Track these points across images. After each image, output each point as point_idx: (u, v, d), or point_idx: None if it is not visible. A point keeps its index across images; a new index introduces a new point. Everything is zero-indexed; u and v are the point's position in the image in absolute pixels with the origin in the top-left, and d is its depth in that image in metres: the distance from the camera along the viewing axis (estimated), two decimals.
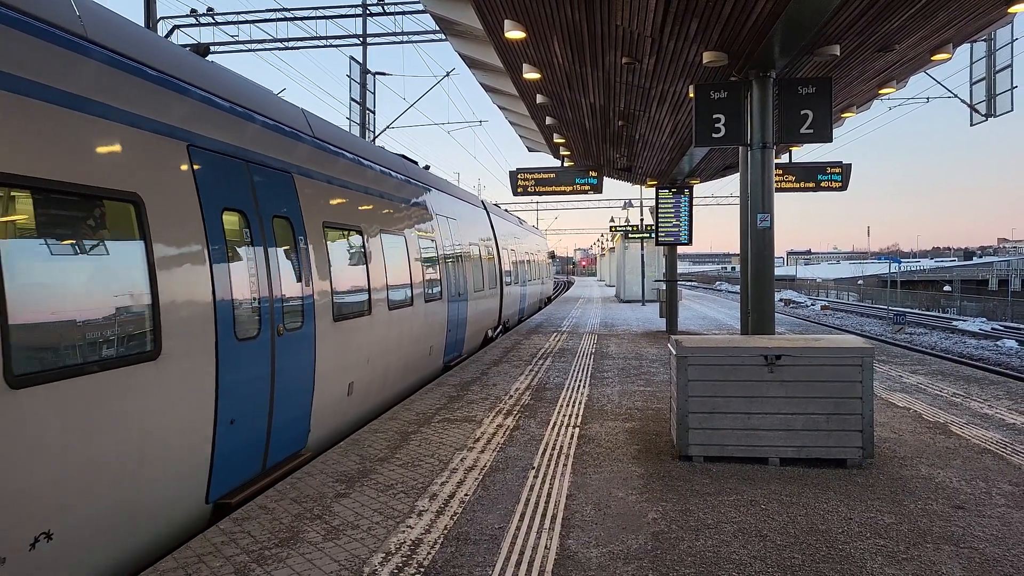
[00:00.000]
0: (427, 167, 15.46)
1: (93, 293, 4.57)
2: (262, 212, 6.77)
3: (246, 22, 23.96)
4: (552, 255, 45.72)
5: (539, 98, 12.15)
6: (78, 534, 4.31)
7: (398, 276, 10.66)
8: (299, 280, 7.36)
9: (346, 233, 8.86)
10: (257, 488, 6.37)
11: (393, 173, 11.50)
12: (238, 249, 6.29)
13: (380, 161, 11.06)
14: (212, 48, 24.52)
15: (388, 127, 26.71)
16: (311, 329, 7.50)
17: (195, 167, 5.77)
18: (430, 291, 12.42)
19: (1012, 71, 19.22)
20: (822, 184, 16.07)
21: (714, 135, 9.11)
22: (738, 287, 13.68)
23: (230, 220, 6.21)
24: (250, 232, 6.52)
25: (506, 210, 28.15)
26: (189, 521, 5.59)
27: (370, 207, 9.89)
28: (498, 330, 20.46)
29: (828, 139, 9.07)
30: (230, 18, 23.78)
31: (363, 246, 9.34)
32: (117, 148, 4.89)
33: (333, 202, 8.57)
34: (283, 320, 6.90)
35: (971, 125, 20.75)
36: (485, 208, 20.78)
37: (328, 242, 8.16)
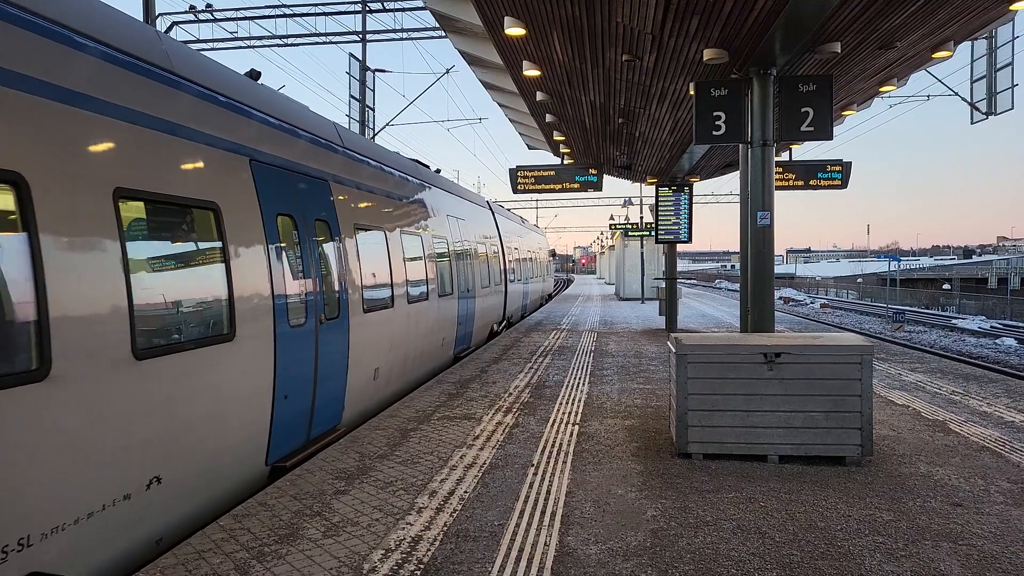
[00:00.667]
0: (438, 170, 16.13)
1: (188, 286, 5.73)
2: (306, 216, 7.76)
3: (245, 18, 23.94)
4: (552, 253, 47.03)
5: (539, 95, 12.14)
6: (178, 481, 5.36)
7: (416, 273, 11.59)
8: (336, 275, 8.35)
9: (373, 233, 9.80)
10: (303, 456, 7.29)
11: (409, 178, 12.38)
12: (289, 248, 7.30)
13: (398, 167, 11.88)
14: (211, 46, 24.52)
15: (388, 124, 26.69)
16: (346, 319, 8.48)
17: (256, 178, 6.76)
18: (443, 287, 13.33)
19: (1013, 69, 19.20)
20: (822, 182, 16.08)
21: (714, 133, 9.10)
22: (738, 285, 13.70)
23: (283, 223, 7.21)
24: (297, 233, 7.50)
25: (509, 209, 29.00)
26: (252, 480, 6.55)
27: (391, 209, 10.83)
28: (502, 325, 21.18)
29: (829, 137, 9.06)
30: (229, 14, 23.75)
31: (386, 245, 10.27)
32: (201, 164, 5.89)
33: (361, 205, 9.56)
34: (324, 310, 7.86)
35: (971, 123, 20.74)
36: (490, 208, 21.61)
37: (358, 242, 9.15)
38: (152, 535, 5.15)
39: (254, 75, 7.92)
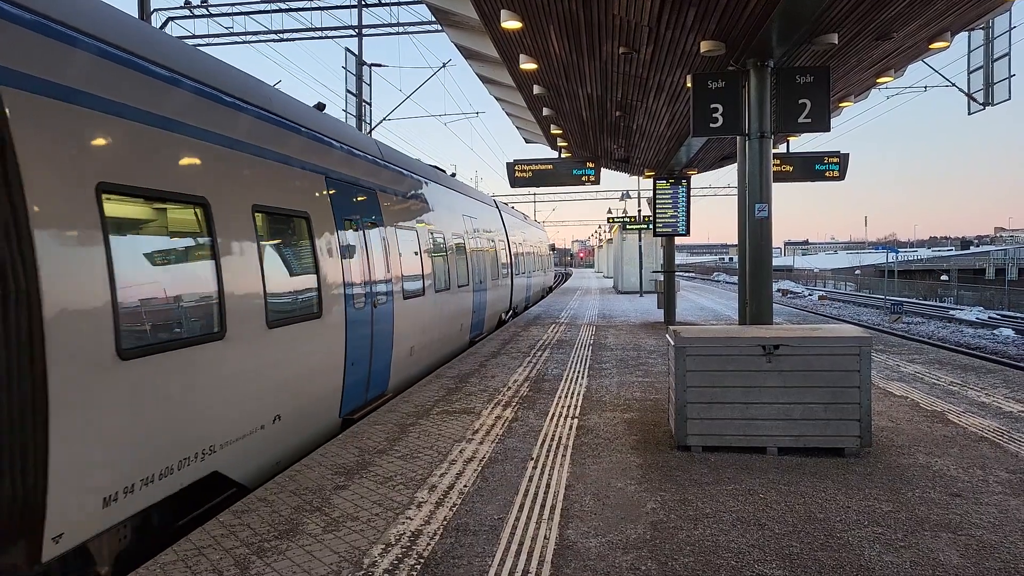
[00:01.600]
0: (453, 174, 18.75)
1: (299, 277, 7.64)
2: (363, 219, 9.56)
3: (240, 14, 23.84)
4: (552, 248, 48.87)
5: (536, 89, 12.11)
6: (290, 421, 7.20)
7: (441, 266, 13.53)
8: (383, 268, 10.09)
9: (408, 232, 11.52)
10: (363, 412, 9.08)
11: (433, 183, 14.30)
12: (352, 246, 9.00)
13: (423, 174, 13.80)
14: (207, 41, 24.45)
15: (384, 119, 26.62)
16: (391, 305, 10.26)
17: (330, 192, 8.53)
18: (461, 280, 15.18)
19: (1010, 59, 19.17)
20: (820, 174, 16.05)
21: (712, 125, 9.09)
22: (736, 278, 13.74)
23: (348, 226, 8.98)
24: (356, 234, 9.24)
25: (511, 206, 30.50)
26: (330, 428, 8.39)
27: (421, 212, 12.72)
28: (509, 314, 22.93)
29: (826, 128, 9.06)
30: (224, 9, 23.67)
31: (418, 242, 12.00)
32: (299, 183, 7.79)
33: (399, 209, 11.32)
34: (376, 297, 9.62)
35: (969, 114, 20.71)
36: (497, 207, 23.61)
37: (398, 240, 10.92)
38: (274, 458, 7.01)
39: (320, 107, 9.67)
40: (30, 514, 4.03)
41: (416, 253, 11.78)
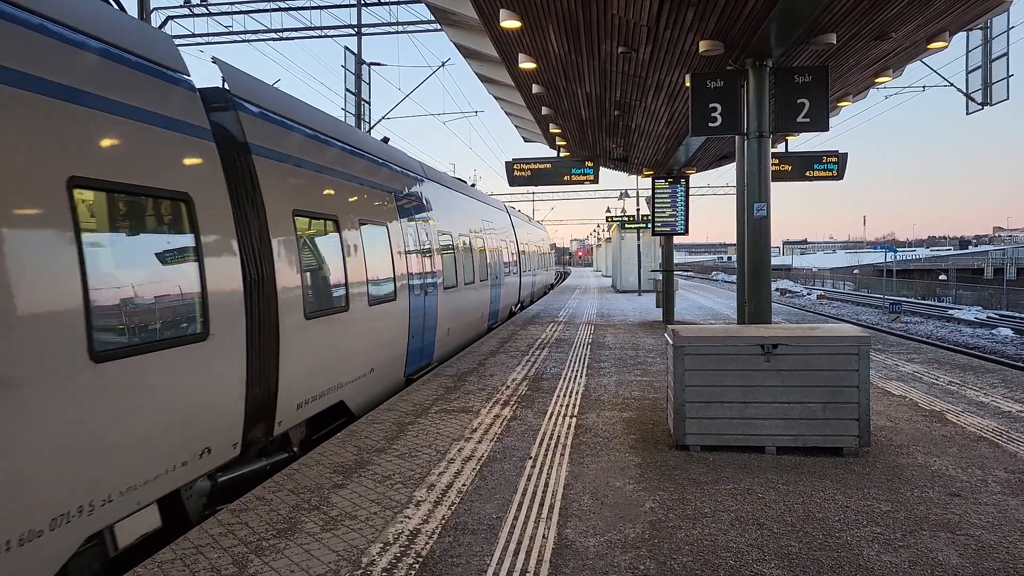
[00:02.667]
0: (473, 184, 23.72)
1: (381, 271, 10.03)
2: (417, 225, 12.21)
3: (240, 12, 23.82)
4: (552, 247, 52.57)
5: (535, 88, 12.11)
6: (378, 373, 9.89)
7: (468, 264, 16.12)
8: (431, 263, 12.82)
9: (445, 235, 14.23)
10: (418, 375, 11.75)
11: (460, 194, 17.40)
12: (412, 247, 11.59)
13: (454, 186, 16.98)
14: (207, 40, 24.44)
15: (383, 118, 26.62)
16: (436, 295, 12.98)
17: (398, 205, 11.28)
18: (482, 275, 17.77)
19: (1008, 59, 19.18)
20: (818, 173, 16.05)
21: (710, 124, 9.09)
22: (734, 277, 13.76)
23: (408, 232, 11.58)
24: (414, 238, 11.83)
25: (520, 211, 33.53)
26: (397, 383, 11.01)
27: (454, 219, 15.47)
28: (518, 306, 25.38)
29: (824, 128, 9.06)
30: (224, 8, 23.64)
31: (453, 244, 14.77)
32: (381, 202, 10.53)
33: (437, 215, 13.95)
34: (427, 287, 12.29)
35: (967, 114, 20.72)
36: (508, 212, 26.32)
37: (440, 241, 13.69)
38: (368, 399, 9.62)
39: (385, 140, 13.11)
40: (269, 411, 6.89)
41: (452, 253, 14.61)
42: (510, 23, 8.64)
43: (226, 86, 6.90)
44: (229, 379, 6.10)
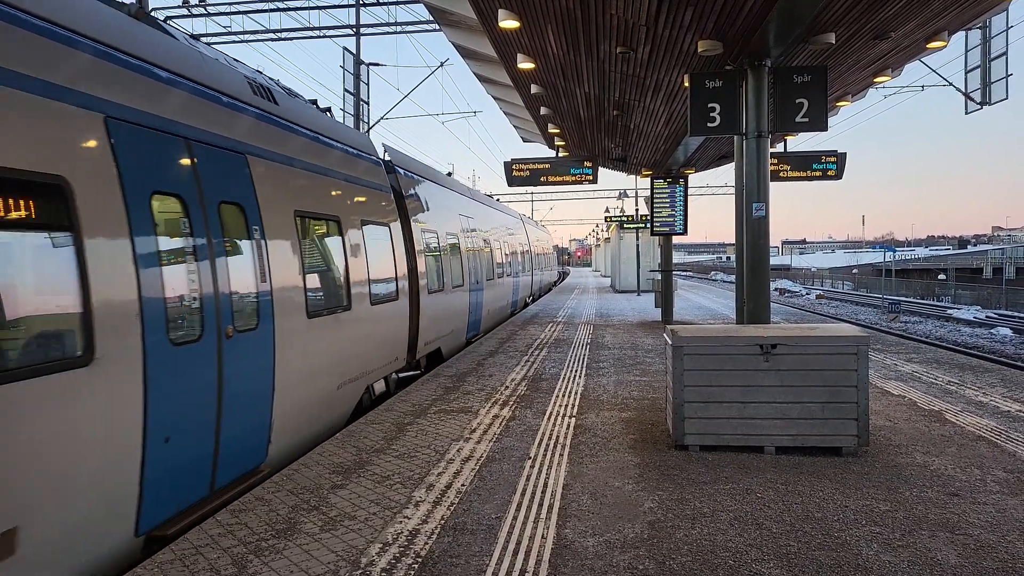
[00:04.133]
0: (498, 198, 29.13)
1: (455, 266, 14.98)
2: (474, 235, 17.13)
3: (239, 12, 23.81)
4: (555, 248, 60.71)
5: (534, 88, 12.11)
6: (453, 335, 14.47)
7: (499, 263, 21.18)
8: (479, 263, 17.55)
9: (480, 239, 18.37)
10: (474, 341, 15.80)
11: (492, 208, 23.23)
12: (470, 249, 16.07)
13: (488, 203, 23.16)
14: (205, 40, 24.43)
15: (382, 118, 26.61)
16: (482, 285, 17.66)
17: (462, 223, 15.66)
18: (507, 271, 22.86)
19: (1007, 59, 19.18)
20: (817, 173, 16.06)
21: (709, 124, 9.09)
22: (733, 276, 13.77)
23: (469, 239, 16.54)
24: (473, 243, 16.67)
25: (531, 218, 41.82)
26: (460, 345, 15.36)
27: (486, 227, 20.03)
28: (531, 298, 30.59)
29: (823, 128, 9.06)
30: (222, 8, 23.63)
31: (490, 248, 19.59)
32: (455, 221, 15.82)
33: (485, 227, 19.51)
34: (476, 278, 16.93)
35: (966, 113, 20.72)
36: (521, 220, 31.95)
37: (479, 243, 18.15)
38: (449, 349, 13.90)
39: (449, 173, 19.61)
40: (414, 346, 11.64)
41: (487, 252, 19.17)
42: (508, 23, 8.64)
43: (387, 157, 12.00)
44: (404, 326, 11.19)
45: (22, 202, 4.18)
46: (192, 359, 5.49)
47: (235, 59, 8.89)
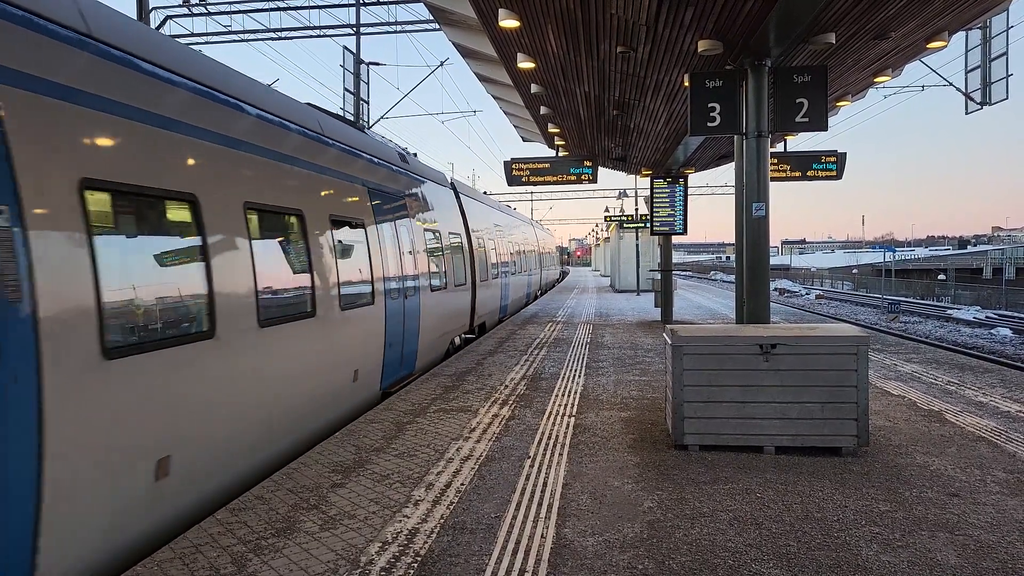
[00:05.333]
0: (515, 208, 36.15)
1: (492, 262, 19.86)
2: (505, 242, 23.01)
3: (239, 12, 23.80)
4: (558, 249, 67.62)
5: (534, 87, 12.10)
6: (491, 313, 19.26)
7: (519, 261, 25.96)
8: (506, 262, 22.25)
9: (508, 241, 23.26)
10: (502, 321, 21.14)
11: (512, 217, 28.36)
12: (505, 251, 22.53)
13: (511, 214, 28.37)
14: (206, 40, 24.43)
15: (382, 117, 26.62)
16: (510, 278, 23.14)
17: (495, 228, 21.24)
18: (524, 268, 27.89)
19: (1007, 59, 19.18)
20: (817, 173, 16.06)
21: (709, 124, 9.09)
22: (733, 276, 13.79)
23: (506, 245, 22.93)
24: (507, 247, 23.00)
25: (539, 222, 48.38)
26: (495, 323, 20.13)
27: (513, 233, 25.02)
28: (540, 292, 35.68)
29: (823, 128, 9.05)
30: (223, 8, 23.62)
31: (512, 246, 23.93)
32: (494, 236, 21.28)
33: (505, 229, 23.62)
34: (505, 274, 21.74)
35: (966, 113, 20.72)
36: (532, 224, 38.05)
37: (508, 247, 22.99)
38: (489, 325, 19.07)
39: (487, 193, 29.77)
40: (472, 316, 16.68)
41: (514, 253, 24.69)
42: (509, 23, 8.64)
43: (454, 183, 16.86)
44: (468, 304, 15.58)
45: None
46: (405, 305, 10.98)
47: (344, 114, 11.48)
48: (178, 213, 5.50)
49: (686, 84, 9.35)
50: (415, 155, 14.58)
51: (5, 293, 3.81)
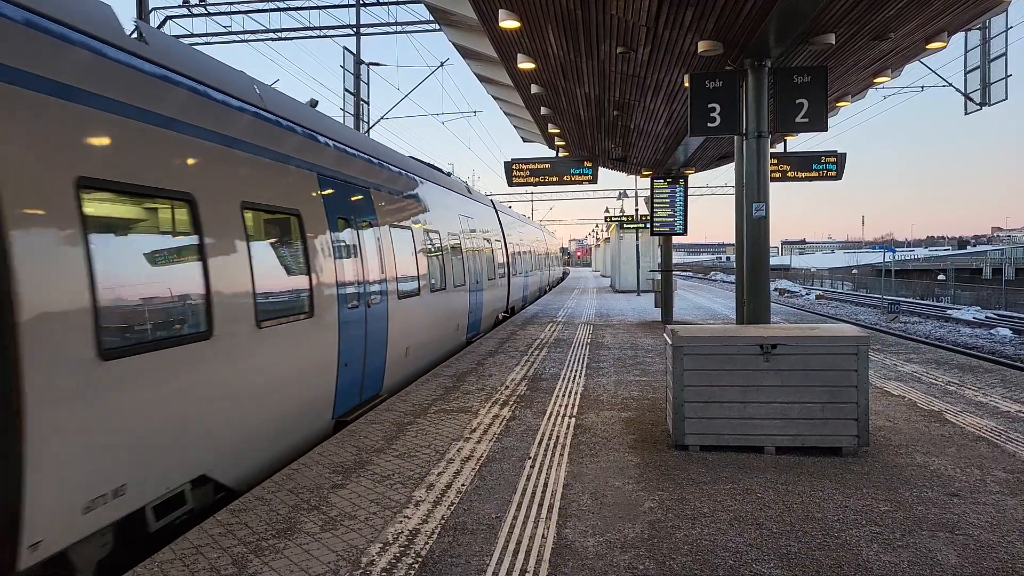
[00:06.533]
0: (529, 217, 44.85)
1: (526, 264, 28.86)
2: (527, 248, 29.52)
3: (239, 12, 23.82)
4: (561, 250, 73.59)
5: (534, 88, 12.11)
6: (503, 305, 22.26)
7: (535, 261, 32.30)
8: (527, 263, 28.58)
9: (529, 245, 29.99)
10: (521, 308, 26.06)
11: (527, 223, 35.21)
12: (521, 251, 27.28)
13: (531, 223, 37.42)
14: (205, 40, 24.43)
15: (382, 118, 26.63)
16: (529, 276, 28.75)
17: (504, 235, 23.67)
18: (537, 267, 32.50)
19: (1007, 59, 19.19)
20: (817, 173, 16.07)
21: (709, 124, 9.09)
22: (733, 277, 13.77)
23: (534, 249, 32.46)
24: (528, 250, 29.80)
25: (547, 228, 55.18)
26: (519, 310, 25.76)
27: (528, 237, 30.40)
28: (548, 287, 40.75)
29: (823, 128, 9.06)
30: (223, 8, 23.63)
31: (532, 249, 31.08)
32: (525, 249, 28.99)
33: (526, 236, 30.13)
34: (525, 272, 27.55)
35: (966, 114, 20.74)
36: (542, 229, 44.24)
37: (525, 250, 28.35)
38: (521, 307, 26.59)
39: (449, 173, 19.31)
40: (506, 302, 22.31)
41: (531, 255, 29.94)
42: (509, 23, 8.64)
43: (492, 201, 23.54)
44: (504, 292, 21.49)
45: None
46: (484, 288, 18.20)
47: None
48: (487, 243, 19.06)
49: (686, 84, 9.35)
50: (450, 174, 18.36)
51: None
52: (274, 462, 6.98)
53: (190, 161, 5.83)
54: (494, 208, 22.71)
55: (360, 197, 9.63)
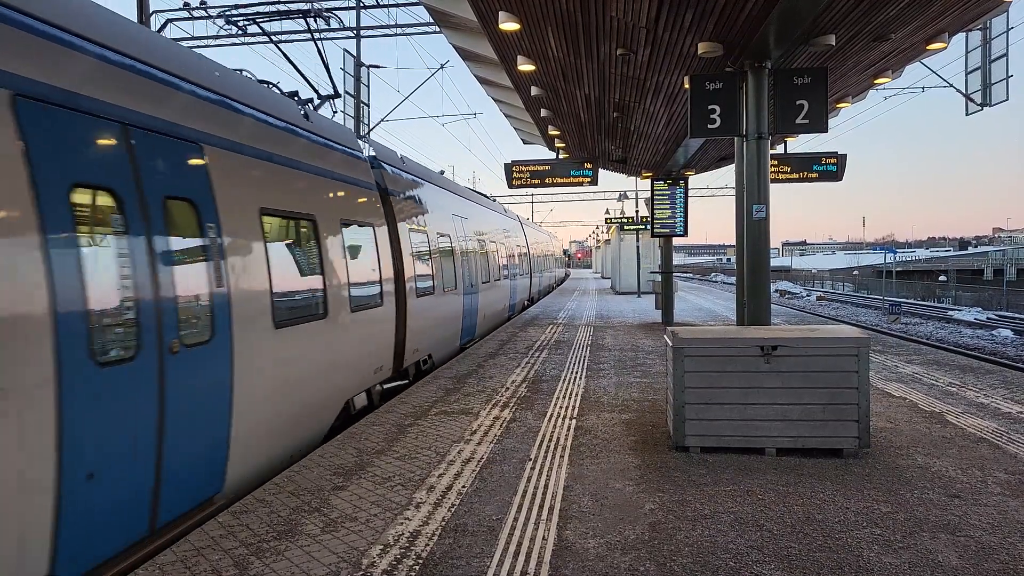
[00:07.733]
0: (541, 224, 52.35)
1: (543, 264, 36.60)
2: (537, 250, 33.98)
3: (239, 15, 23.79)
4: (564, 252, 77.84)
5: (534, 90, 12.12)
6: (523, 294, 27.01)
7: (544, 262, 36.60)
8: (539, 264, 33.72)
9: (540, 249, 34.96)
10: (533, 302, 30.51)
11: (537, 229, 39.90)
12: (536, 253, 33.52)
13: (534, 226, 39.04)
14: (205, 42, 24.46)
15: (382, 120, 26.63)
16: (541, 274, 34.86)
17: (527, 241, 29.88)
18: (546, 267, 37.06)
19: (1007, 60, 19.18)
20: (817, 174, 16.06)
21: (709, 126, 9.09)
22: (734, 278, 13.76)
23: (542, 253, 37.06)
24: (537, 251, 34.09)
25: (550, 231, 59.01)
26: (534, 301, 30.83)
27: (538, 242, 34.80)
28: (555, 284, 45.83)
29: (824, 129, 9.05)
30: (223, 11, 23.63)
31: (542, 252, 35.62)
32: (532, 248, 33.18)
33: (537, 241, 34.92)
34: (540, 271, 34.44)
35: (966, 115, 20.71)
36: (549, 234, 48.37)
37: (539, 250, 34.60)
38: (539, 296, 33.88)
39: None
40: (530, 293, 29.25)
41: (543, 258, 34.66)
42: (509, 25, 8.65)
43: (517, 216, 30.29)
44: (529, 284, 27.99)
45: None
46: (517, 281, 24.71)
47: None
48: (520, 249, 26.74)
49: (686, 86, 9.35)
50: (476, 191, 23.71)
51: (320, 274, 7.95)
52: (447, 356, 13.78)
53: (313, 193, 8.04)
54: (519, 221, 30.33)
55: (483, 227, 18.33)
